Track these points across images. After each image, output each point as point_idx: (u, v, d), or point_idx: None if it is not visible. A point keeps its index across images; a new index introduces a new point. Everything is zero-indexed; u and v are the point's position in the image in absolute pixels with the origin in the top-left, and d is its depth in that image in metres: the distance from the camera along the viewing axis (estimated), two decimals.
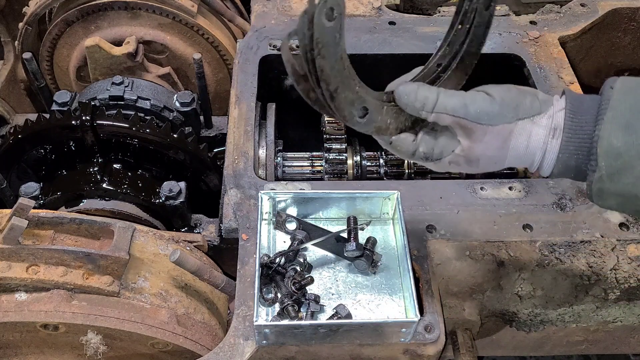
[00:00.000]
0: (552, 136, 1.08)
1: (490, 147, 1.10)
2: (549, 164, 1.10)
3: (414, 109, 1.09)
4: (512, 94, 1.10)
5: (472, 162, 1.13)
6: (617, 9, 2.26)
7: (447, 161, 1.14)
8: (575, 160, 1.07)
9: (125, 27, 2.31)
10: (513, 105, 1.08)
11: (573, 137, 1.06)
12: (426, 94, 1.08)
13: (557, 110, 1.09)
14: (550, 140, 1.08)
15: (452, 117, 1.07)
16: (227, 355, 1.34)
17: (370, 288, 1.43)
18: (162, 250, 1.55)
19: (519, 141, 1.09)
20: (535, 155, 1.10)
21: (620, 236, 1.59)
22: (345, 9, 0.93)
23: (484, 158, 1.12)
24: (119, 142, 1.85)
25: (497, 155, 1.11)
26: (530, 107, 1.09)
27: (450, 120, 1.08)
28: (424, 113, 1.09)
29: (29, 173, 1.93)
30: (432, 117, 1.09)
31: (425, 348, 1.39)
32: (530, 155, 1.11)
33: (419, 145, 1.14)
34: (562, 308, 1.68)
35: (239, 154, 1.77)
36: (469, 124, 1.07)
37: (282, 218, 1.50)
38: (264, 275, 1.38)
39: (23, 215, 1.33)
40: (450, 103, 1.07)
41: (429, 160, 1.15)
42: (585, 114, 1.06)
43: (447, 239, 1.57)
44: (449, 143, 1.12)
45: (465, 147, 1.10)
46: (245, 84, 1.98)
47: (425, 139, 1.14)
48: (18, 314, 1.35)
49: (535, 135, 1.08)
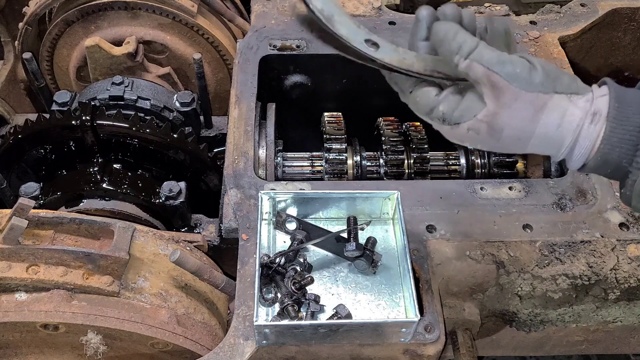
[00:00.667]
0: (590, 121, 0.97)
1: (518, 116, 0.98)
2: (582, 153, 0.99)
3: (449, 50, 0.99)
4: (552, 66, 1.00)
5: (495, 131, 1.00)
6: (617, 9, 2.26)
7: (466, 127, 1.01)
8: (618, 154, 0.96)
9: (125, 27, 2.31)
10: (552, 77, 0.98)
11: (618, 128, 0.95)
12: (466, 37, 0.98)
13: (599, 95, 0.99)
14: (588, 125, 0.97)
15: (486, 70, 0.96)
16: (227, 355, 1.34)
17: (370, 288, 1.43)
18: (162, 250, 1.55)
19: (552, 117, 0.98)
20: (566, 139, 0.99)
21: (620, 236, 1.59)
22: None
23: (508, 129, 0.99)
24: (119, 142, 1.86)
25: (524, 129, 0.99)
26: (568, 84, 0.99)
27: (482, 72, 0.97)
28: (457, 57, 0.98)
29: (29, 173, 1.93)
30: (465, 63, 0.98)
31: (425, 348, 1.39)
32: (559, 138, 0.99)
33: (440, 102, 1.03)
34: (562, 308, 1.68)
35: (239, 154, 1.77)
36: (502, 82, 0.96)
37: (282, 218, 1.50)
38: (264, 275, 1.38)
39: (23, 215, 1.33)
40: (487, 54, 0.97)
41: (446, 122, 1.03)
42: (632, 104, 0.96)
43: (447, 239, 1.57)
44: (473, 105, 1.00)
45: (491, 110, 0.98)
46: (245, 84, 1.98)
47: (449, 97, 1.03)
48: (18, 314, 1.35)
49: (571, 115, 0.97)
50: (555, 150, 1.02)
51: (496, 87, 0.97)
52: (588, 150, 0.99)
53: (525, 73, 0.97)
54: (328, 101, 2.24)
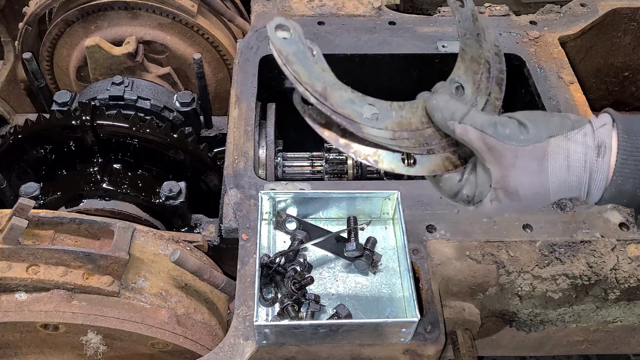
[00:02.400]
0: (596, 154, 0.97)
1: (525, 171, 0.99)
2: (598, 187, 0.99)
3: (442, 117, 1.02)
4: (538, 114, 1.01)
5: (512, 194, 1.01)
6: (617, 9, 2.26)
7: (488, 200, 1.04)
8: (632, 184, 0.96)
9: (125, 27, 2.31)
10: (541, 124, 0.99)
11: (629, 159, 0.95)
12: (457, 106, 1.01)
13: (599, 126, 0.98)
14: (596, 159, 0.97)
15: (479, 133, 0.99)
16: (227, 355, 1.34)
17: (370, 288, 1.43)
18: (162, 250, 1.55)
19: (558, 162, 0.98)
20: (580, 177, 0.99)
21: (620, 236, 1.59)
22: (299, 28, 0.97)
23: (522, 187, 1.00)
24: (119, 142, 1.86)
25: (537, 182, 1.00)
26: (560, 124, 0.99)
27: (476, 136, 0.99)
28: (451, 122, 1.01)
29: (29, 173, 1.93)
30: (459, 128, 1.00)
31: (425, 348, 1.39)
32: (575, 179, 0.99)
33: (463, 186, 1.06)
34: (562, 308, 1.68)
35: (239, 154, 1.77)
36: (497, 144, 0.98)
37: (282, 218, 1.50)
38: (264, 275, 1.38)
39: (23, 215, 1.33)
40: (479, 119, 0.99)
41: (471, 203, 1.06)
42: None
43: (447, 239, 1.57)
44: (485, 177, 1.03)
45: (499, 175, 1.00)
46: (245, 84, 1.98)
47: (470, 179, 1.06)
48: (18, 314, 1.35)
49: (575, 154, 0.98)
50: (577, 191, 1.02)
51: (494, 150, 0.99)
52: (603, 184, 0.99)
53: (516, 130, 0.99)
54: None
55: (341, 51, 2.10)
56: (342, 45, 2.12)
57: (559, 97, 1.97)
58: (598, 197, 1.01)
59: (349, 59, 2.12)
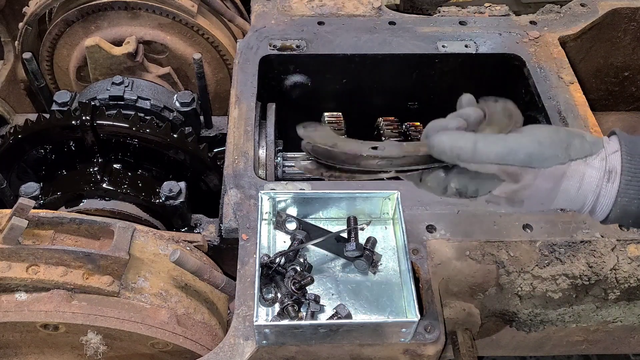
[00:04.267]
0: (607, 179, 1.01)
1: (540, 190, 1.02)
2: (604, 209, 1.03)
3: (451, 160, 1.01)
4: (561, 134, 1.02)
5: (515, 203, 1.05)
6: (617, 9, 2.26)
7: (485, 200, 1.07)
8: (637, 205, 1.00)
9: (125, 27, 2.31)
10: (564, 146, 1.01)
11: (633, 181, 0.99)
12: (460, 144, 0.99)
13: (611, 152, 1.02)
14: (605, 184, 1.01)
15: (499, 166, 0.99)
16: (227, 355, 1.34)
17: (370, 288, 1.43)
18: (162, 250, 1.55)
19: (571, 183, 1.02)
20: (587, 198, 1.03)
21: (620, 236, 1.59)
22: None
23: (530, 201, 1.04)
24: (119, 142, 1.85)
25: (546, 198, 1.04)
26: (580, 148, 1.02)
27: (496, 169, 1.00)
28: (462, 164, 1.01)
29: (29, 173, 1.93)
30: (474, 167, 1.00)
31: (425, 348, 1.39)
32: (581, 198, 1.03)
33: (450, 180, 1.06)
34: (562, 308, 1.68)
35: (239, 154, 1.77)
36: (518, 170, 0.99)
37: (282, 218, 1.50)
38: (264, 275, 1.38)
39: (23, 215, 1.33)
40: (493, 150, 0.98)
41: (462, 197, 1.07)
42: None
43: (447, 239, 1.57)
44: (487, 183, 1.04)
45: (511, 189, 1.03)
46: (245, 84, 1.98)
47: (457, 175, 1.05)
48: (18, 314, 1.35)
49: (589, 177, 1.01)
50: (578, 207, 1.05)
51: (514, 175, 1.00)
52: (609, 206, 1.02)
53: (538, 152, 0.99)
54: (328, 101, 2.24)
55: (341, 51, 2.10)
56: (342, 45, 2.12)
57: (559, 97, 1.97)
58: (603, 217, 1.04)
59: (349, 59, 2.12)
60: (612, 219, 1.03)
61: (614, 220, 1.04)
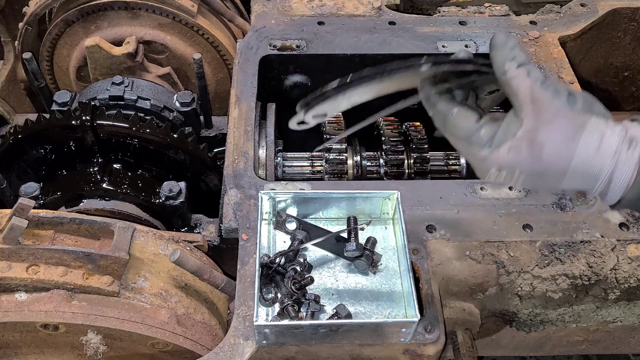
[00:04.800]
0: (627, 147, 0.97)
1: (559, 131, 0.99)
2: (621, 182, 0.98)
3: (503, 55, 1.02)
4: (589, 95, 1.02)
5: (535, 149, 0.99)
6: (617, 9, 2.26)
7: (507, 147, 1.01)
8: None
9: (125, 27, 2.31)
10: (589, 102, 1.01)
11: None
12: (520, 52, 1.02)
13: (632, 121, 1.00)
14: (626, 150, 0.97)
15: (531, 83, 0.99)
16: (227, 355, 1.34)
17: (370, 288, 1.43)
18: (162, 250, 1.55)
19: (592, 137, 0.98)
20: (605, 164, 0.98)
21: (620, 236, 1.59)
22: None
23: (549, 146, 0.99)
24: (119, 142, 1.85)
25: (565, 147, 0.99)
26: (604, 111, 1.01)
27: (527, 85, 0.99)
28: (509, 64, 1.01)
29: (29, 173, 1.93)
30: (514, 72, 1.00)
31: (425, 348, 1.39)
32: (599, 163, 0.98)
33: (482, 127, 1.03)
34: (562, 308, 1.68)
35: (239, 154, 1.77)
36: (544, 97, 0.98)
37: (282, 218, 1.50)
38: (264, 275, 1.38)
39: (23, 215, 1.33)
40: (536, 72, 1.01)
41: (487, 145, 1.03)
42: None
43: (447, 239, 1.57)
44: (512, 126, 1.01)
45: (531, 125, 0.99)
46: (245, 84, 1.98)
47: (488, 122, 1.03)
48: (18, 314, 1.35)
49: (609, 138, 0.98)
50: (595, 180, 1.00)
51: (537, 102, 0.99)
52: (627, 180, 0.98)
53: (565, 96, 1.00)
54: None
55: (341, 51, 2.10)
56: (342, 45, 2.12)
57: None
58: (618, 196, 1.00)
59: (349, 59, 2.12)
60: (629, 197, 0.99)
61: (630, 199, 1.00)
